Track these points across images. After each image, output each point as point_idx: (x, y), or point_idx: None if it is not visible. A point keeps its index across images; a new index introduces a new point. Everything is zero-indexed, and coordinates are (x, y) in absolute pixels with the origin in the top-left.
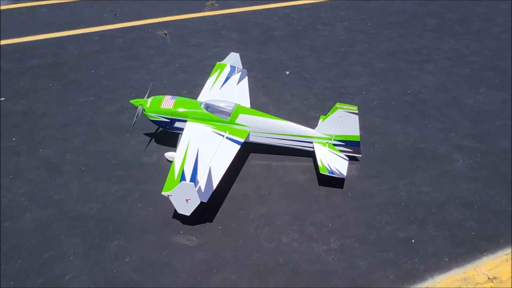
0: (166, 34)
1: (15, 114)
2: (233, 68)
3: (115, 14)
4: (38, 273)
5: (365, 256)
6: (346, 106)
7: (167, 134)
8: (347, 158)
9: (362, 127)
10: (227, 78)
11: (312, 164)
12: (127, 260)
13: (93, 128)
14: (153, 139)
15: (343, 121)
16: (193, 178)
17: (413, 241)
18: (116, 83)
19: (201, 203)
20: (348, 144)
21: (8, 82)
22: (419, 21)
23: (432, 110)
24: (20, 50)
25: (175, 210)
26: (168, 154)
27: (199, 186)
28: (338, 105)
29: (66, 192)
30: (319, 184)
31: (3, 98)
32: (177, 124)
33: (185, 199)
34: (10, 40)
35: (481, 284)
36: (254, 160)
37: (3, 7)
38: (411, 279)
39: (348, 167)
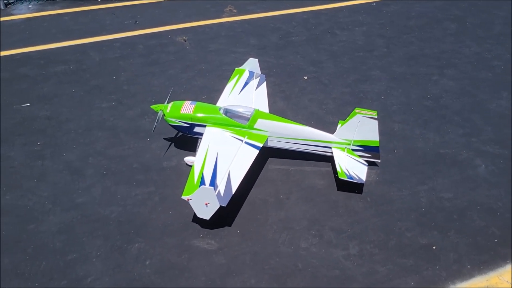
0: (185, 40)
1: (39, 119)
2: (251, 73)
3: (136, 21)
4: (61, 275)
5: (385, 262)
6: (365, 111)
7: (187, 138)
8: (366, 163)
9: (381, 132)
10: (246, 83)
11: (330, 169)
12: (147, 263)
13: (115, 132)
14: (173, 143)
15: (362, 126)
16: (213, 183)
17: (434, 247)
18: (136, 89)
19: (220, 207)
20: (367, 149)
21: (33, 88)
22: (439, 25)
23: (453, 115)
24: (44, 56)
25: (195, 214)
26: (188, 159)
27: (218, 191)
28: (357, 110)
29: (88, 195)
30: (338, 189)
31: (28, 104)
32: (196, 129)
33: (204, 203)
34: (35, 47)
35: None
36: (273, 165)
37: (29, 15)
38: (433, 286)
39: (367, 172)
